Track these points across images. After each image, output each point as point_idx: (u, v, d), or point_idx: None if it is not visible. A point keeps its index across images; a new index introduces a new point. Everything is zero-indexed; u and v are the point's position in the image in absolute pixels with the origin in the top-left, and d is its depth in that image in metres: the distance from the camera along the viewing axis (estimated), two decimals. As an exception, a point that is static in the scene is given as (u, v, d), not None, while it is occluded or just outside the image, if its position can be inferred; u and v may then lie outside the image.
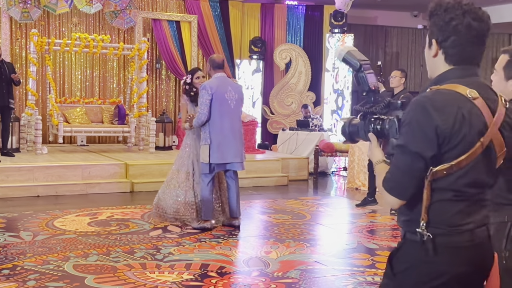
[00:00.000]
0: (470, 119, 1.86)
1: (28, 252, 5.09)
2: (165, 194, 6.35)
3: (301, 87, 12.71)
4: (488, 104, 1.91)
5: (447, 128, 1.84)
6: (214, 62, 6.13)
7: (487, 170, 1.94)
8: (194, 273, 4.61)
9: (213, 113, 5.95)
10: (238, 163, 6.09)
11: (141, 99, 10.60)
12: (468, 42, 1.92)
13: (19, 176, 8.02)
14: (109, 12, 11.19)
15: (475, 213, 1.93)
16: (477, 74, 1.97)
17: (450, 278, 1.92)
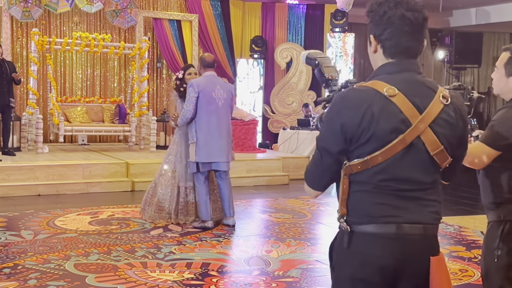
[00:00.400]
0: (380, 116, 1.86)
1: (29, 251, 5.09)
2: (153, 191, 6.30)
3: (302, 86, 12.71)
4: (412, 101, 1.89)
5: (353, 126, 1.87)
6: (204, 61, 6.14)
7: (417, 168, 1.92)
8: (195, 272, 4.61)
9: (200, 111, 5.94)
10: (224, 163, 6.04)
11: (142, 98, 10.61)
12: (403, 33, 1.92)
13: (20, 175, 8.03)
14: (110, 11, 11.19)
15: (404, 209, 1.92)
16: (410, 69, 1.95)
17: (376, 269, 1.92)
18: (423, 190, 1.95)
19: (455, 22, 14.35)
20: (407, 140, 1.88)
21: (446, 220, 6.88)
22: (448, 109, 1.93)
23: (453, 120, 1.94)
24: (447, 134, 1.93)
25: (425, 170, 1.93)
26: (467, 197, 8.56)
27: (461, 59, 12.67)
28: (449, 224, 6.63)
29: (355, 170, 1.91)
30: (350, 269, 1.97)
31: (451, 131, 1.94)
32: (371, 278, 1.94)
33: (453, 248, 5.59)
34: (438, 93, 1.93)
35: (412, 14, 1.91)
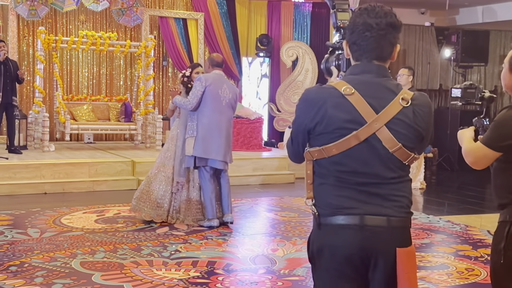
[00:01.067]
0: (334, 112, 2.04)
1: (36, 249, 5.11)
2: (149, 188, 6.19)
3: (308, 84, 12.67)
4: (368, 101, 2.04)
5: (308, 118, 2.08)
6: (213, 61, 6.17)
7: (376, 163, 2.05)
8: (201, 271, 4.62)
9: (204, 106, 5.94)
10: (220, 161, 5.99)
11: (148, 96, 10.61)
12: (364, 37, 2.09)
13: (27, 173, 8.05)
14: (116, 9, 11.20)
15: (367, 202, 2.05)
16: (371, 71, 2.10)
17: (344, 260, 2.07)
18: (386, 185, 2.07)
19: (462, 20, 14.29)
20: (360, 136, 2.03)
21: (452, 219, 6.86)
22: (407, 110, 2.05)
23: (410, 121, 2.05)
24: (404, 133, 2.05)
25: (385, 165, 2.06)
26: (473, 196, 8.54)
27: (467, 57, 12.59)
28: (455, 223, 6.61)
29: (314, 156, 2.09)
30: (323, 260, 2.13)
31: (408, 131, 2.06)
32: (342, 268, 2.08)
33: (459, 247, 5.57)
34: (399, 96, 2.07)
35: (374, 20, 2.08)
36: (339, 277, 2.11)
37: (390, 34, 2.11)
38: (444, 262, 5.06)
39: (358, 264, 2.08)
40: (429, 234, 6.06)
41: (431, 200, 8.51)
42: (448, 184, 9.77)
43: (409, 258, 2.08)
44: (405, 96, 2.09)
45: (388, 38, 2.11)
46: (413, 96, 2.12)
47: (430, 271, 4.75)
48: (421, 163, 9.39)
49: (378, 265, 2.08)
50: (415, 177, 9.06)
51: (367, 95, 2.06)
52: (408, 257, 2.07)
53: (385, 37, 2.10)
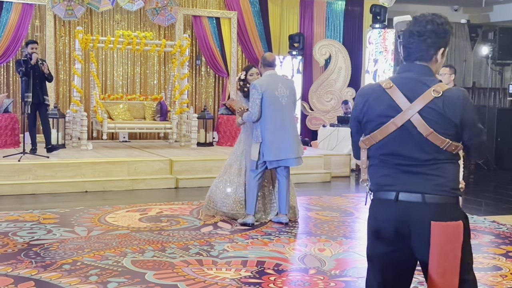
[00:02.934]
0: (375, 104, 2.45)
1: (86, 247, 5.16)
2: (217, 188, 6.42)
3: (341, 83, 12.63)
4: (404, 93, 2.40)
5: (358, 110, 2.52)
6: (265, 60, 6.17)
7: (413, 146, 2.39)
8: (252, 270, 4.62)
9: (265, 111, 5.97)
10: (292, 159, 6.09)
11: (183, 95, 10.66)
12: (408, 42, 2.49)
13: (68, 171, 8.15)
14: (151, 9, 11.28)
15: (403, 180, 2.41)
16: (411, 70, 2.48)
17: (380, 228, 2.45)
18: (423, 166, 2.39)
19: (496, 17, 14.10)
20: (397, 123, 2.39)
21: (497, 219, 6.77)
22: (438, 100, 2.36)
23: (440, 110, 2.36)
24: (435, 120, 2.35)
25: (420, 149, 2.38)
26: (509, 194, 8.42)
27: (504, 54, 12.42)
28: (501, 223, 6.52)
29: (366, 144, 2.49)
30: (369, 226, 2.54)
31: (439, 118, 2.36)
32: (380, 235, 2.47)
33: (509, 248, 5.49)
34: (432, 88, 2.39)
35: (416, 28, 2.47)
36: (378, 240, 2.48)
37: (430, 39, 2.46)
38: (496, 263, 5.00)
39: (393, 233, 2.42)
40: (476, 234, 5.98)
41: (470, 200, 8.41)
42: (487, 184, 9.65)
43: (445, 231, 2.35)
44: (437, 88, 2.40)
45: (428, 43, 2.46)
46: (447, 88, 2.41)
47: (483, 273, 4.69)
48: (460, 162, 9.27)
49: (413, 236, 2.39)
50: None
51: (403, 89, 2.43)
52: (444, 231, 2.35)
53: (425, 42, 2.46)
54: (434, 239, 2.35)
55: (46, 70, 8.72)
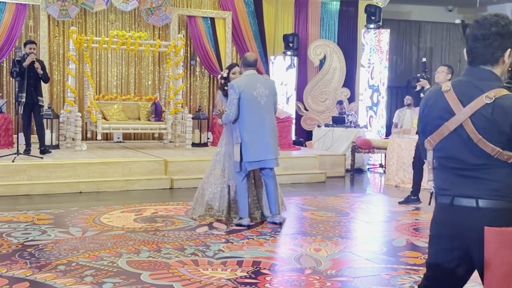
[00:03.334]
0: (433, 106, 2.46)
1: (80, 248, 5.13)
2: (203, 189, 6.40)
3: (336, 83, 12.64)
4: (459, 97, 2.37)
5: (421, 111, 2.55)
6: (245, 60, 6.17)
7: (465, 151, 2.36)
8: (247, 270, 4.60)
9: (243, 111, 5.96)
10: (272, 160, 6.05)
11: (177, 95, 10.64)
12: (472, 46, 2.43)
13: (62, 172, 8.12)
14: (145, 9, 11.26)
15: (458, 184, 2.39)
16: (471, 74, 2.43)
17: (438, 230, 2.46)
18: (476, 170, 2.34)
19: (490, 18, 14.13)
20: (449, 126, 2.37)
21: None
22: (488, 106, 2.29)
23: (489, 116, 2.29)
24: (484, 127, 2.30)
25: (472, 153, 2.34)
26: None
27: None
28: None
29: (430, 145, 2.49)
30: (430, 230, 2.55)
31: (488, 125, 2.30)
32: (440, 239, 2.46)
33: None
34: (484, 94, 2.32)
35: (480, 31, 2.40)
36: (436, 245, 2.49)
37: (496, 42, 2.38)
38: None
39: (450, 238, 2.41)
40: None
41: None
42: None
43: (500, 237, 2.25)
44: (489, 94, 2.32)
45: (494, 46, 2.39)
46: (501, 95, 2.32)
47: (479, 272, 4.69)
48: None
49: (469, 242, 2.35)
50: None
51: (459, 93, 2.40)
52: (498, 237, 2.25)
53: (491, 45, 2.39)
54: (488, 245, 2.27)
55: (39, 70, 8.65)
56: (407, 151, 8.99)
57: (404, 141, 9.26)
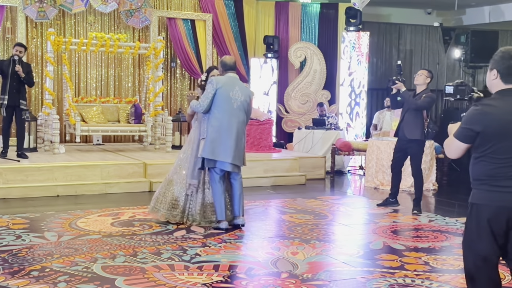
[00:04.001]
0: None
1: (55, 253, 5.08)
2: (166, 189, 6.28)
3: (316, 85, 12.66)
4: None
5: None
6: (225, 65, 6.17)
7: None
8: (224, 275, 4.59)
9: (214, 108, 5.97)
10: (228, 164, 5.98)
11: (157, 98, 10.58)
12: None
13: (39, 175, 8.02)
14: (125, 11, 11.18)
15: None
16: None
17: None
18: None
19: (469, 21, 14.26)
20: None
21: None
22: None
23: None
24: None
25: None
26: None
27: (477, 57, 12.56)
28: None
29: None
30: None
31: None
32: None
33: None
34: None
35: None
36: None
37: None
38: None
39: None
40: (447, 236, 6.03)
41: (443, 201, 8.49)
42: (459, 185, 9.73)
43: None
44: None
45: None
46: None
47: (454, 275, 4.71)
48: (433, 164, 9.36)
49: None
50: (427, 178, 9.04)
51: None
52: None
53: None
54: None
55: (20, 73, 8.57)
56: (386, 154, 9.03)
57: (383, 143, 9.30)
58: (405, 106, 7.23)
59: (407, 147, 7.20)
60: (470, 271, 3.12)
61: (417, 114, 7.11)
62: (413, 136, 7.10)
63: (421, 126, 7.11)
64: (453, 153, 3.17)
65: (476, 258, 3.08)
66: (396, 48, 14.78)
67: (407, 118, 7.16)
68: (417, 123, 7.09)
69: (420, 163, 7.31)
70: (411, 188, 9.04)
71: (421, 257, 5.23)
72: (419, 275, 4.70)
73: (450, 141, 3.16)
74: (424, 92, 7.13)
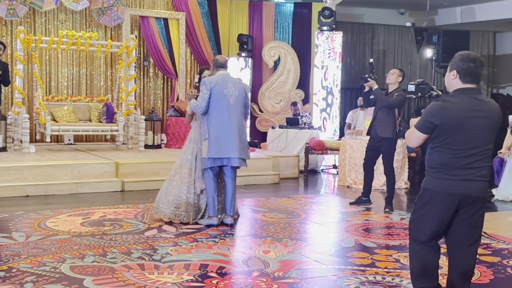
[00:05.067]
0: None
1: (23, 253, 4.98)
2: (167, 189, 6.29)
3: (290, 85, 12.67)
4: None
5: None
6: (217, 62, 6.27)
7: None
8: (194, 274, 4.55)
9: (211, 107, 6.04)
10: (235, 159, 6.08)
11: (130, 97, 10.47)
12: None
13: (8, 175, 7.88)
14: (96, 9, 11.05)
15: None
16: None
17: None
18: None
19: (441, 21, 14.42)
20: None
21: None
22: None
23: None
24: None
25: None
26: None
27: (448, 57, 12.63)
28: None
29: None
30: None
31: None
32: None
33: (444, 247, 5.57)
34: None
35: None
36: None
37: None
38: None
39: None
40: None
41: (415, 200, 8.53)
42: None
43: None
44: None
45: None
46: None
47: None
48: (405, 163, 9.43)
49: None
50: (399, 177, 9.10)
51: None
52: None
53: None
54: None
55: None
56: (359, 152, 9.07)
57: (356, 142, 9.34)
58: (378, 105, 7.26)
59: (379, 145, 7.24)
60: (415, 252, 3.62)
61: (389, 112, 7.14)
62: (385, 134, 7.13)
63: (393, 125, 7.14)
64: (414, 142, 3.59)
65: (422, 236, 3.55)
66: (369, 48, 14.87)
67: (379, 116, 7.19)
68: (389, 122, 7.13)
69: (392, 161, 7.35)
70: (384, 187, 9.09)
71: (392, 254, 5.25)
72: (390, 272, 4.71)
73: (411, 132, 3.55)
74: (396, 91, 7.18)
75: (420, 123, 3.49)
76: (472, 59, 3.47)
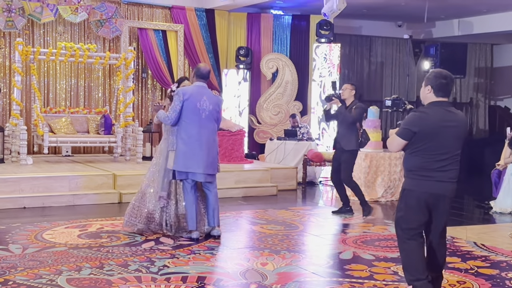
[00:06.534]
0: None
1: (19, 265, 4.96)
2: (140, 203, 6.23)
3: (288, 96, 12.69)
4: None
5: None
6: (197, 71, 6.13)
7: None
8: (192, 286, 4.52)
9: (182, 120, 5.93)
10: (201, 174, 5.96)
11: (128, 108, 10.47)
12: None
13: (5, 187, 7.86)
14: (95, 21, 11.08)
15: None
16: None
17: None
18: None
19: (438, 33, 14.47)
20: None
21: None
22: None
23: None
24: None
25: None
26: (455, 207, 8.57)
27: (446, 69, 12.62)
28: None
29: None
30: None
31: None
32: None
33: (448, 260, 5.55)
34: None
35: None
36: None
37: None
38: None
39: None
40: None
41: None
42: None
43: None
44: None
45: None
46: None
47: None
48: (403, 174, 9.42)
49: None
50: (398, 189, 9.09)
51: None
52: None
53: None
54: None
55: None
56: (357, 164, 9.02)
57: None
58: (339, 119, 7.57)
59: (341, 156, 7.48)
60: (403, 246, 4.08)
61: (351, 126, 7.42)
62: (348, 147, 7.46)
63: (356, 137, 7.49)
64: (395, 147, 4.03)
65: (406, 231, 4.02)
66: (367, 60, 14.93)
67: (341, 131, 7.56)
68: (352, 135, 7.46)
69: (350, 170, 7.58)
70: (381, 199, 9.11)
71: (390, 267, 5.23)
72: (388, 285, 4.69)
73: (392, 139, 4.03)
74: (353, 104, 7.54)
75: (401, 131, 3.95)
76: (444, 76, 3.94)
